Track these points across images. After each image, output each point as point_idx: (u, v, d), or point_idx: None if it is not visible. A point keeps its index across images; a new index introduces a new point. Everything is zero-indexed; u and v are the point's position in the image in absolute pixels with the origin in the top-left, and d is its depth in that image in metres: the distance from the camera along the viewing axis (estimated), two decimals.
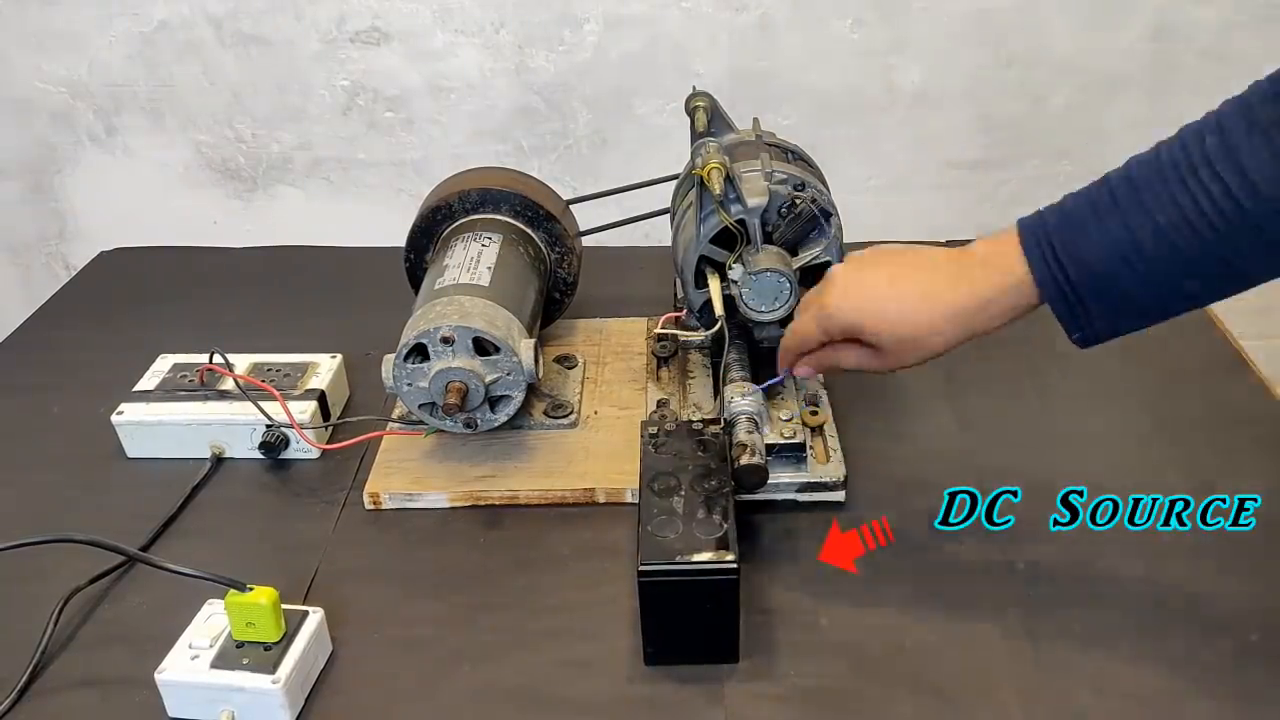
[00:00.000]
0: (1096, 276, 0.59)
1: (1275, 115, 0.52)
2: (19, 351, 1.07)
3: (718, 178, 0.77)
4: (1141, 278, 0.58)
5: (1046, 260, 0.60)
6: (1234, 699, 0.64)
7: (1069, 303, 0.61)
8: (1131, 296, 0.59)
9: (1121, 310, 0.60)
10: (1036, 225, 0.61)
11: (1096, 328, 0.62)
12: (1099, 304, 0.60)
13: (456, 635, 0.71)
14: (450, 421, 0.81)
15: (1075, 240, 0.59)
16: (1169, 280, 0.57)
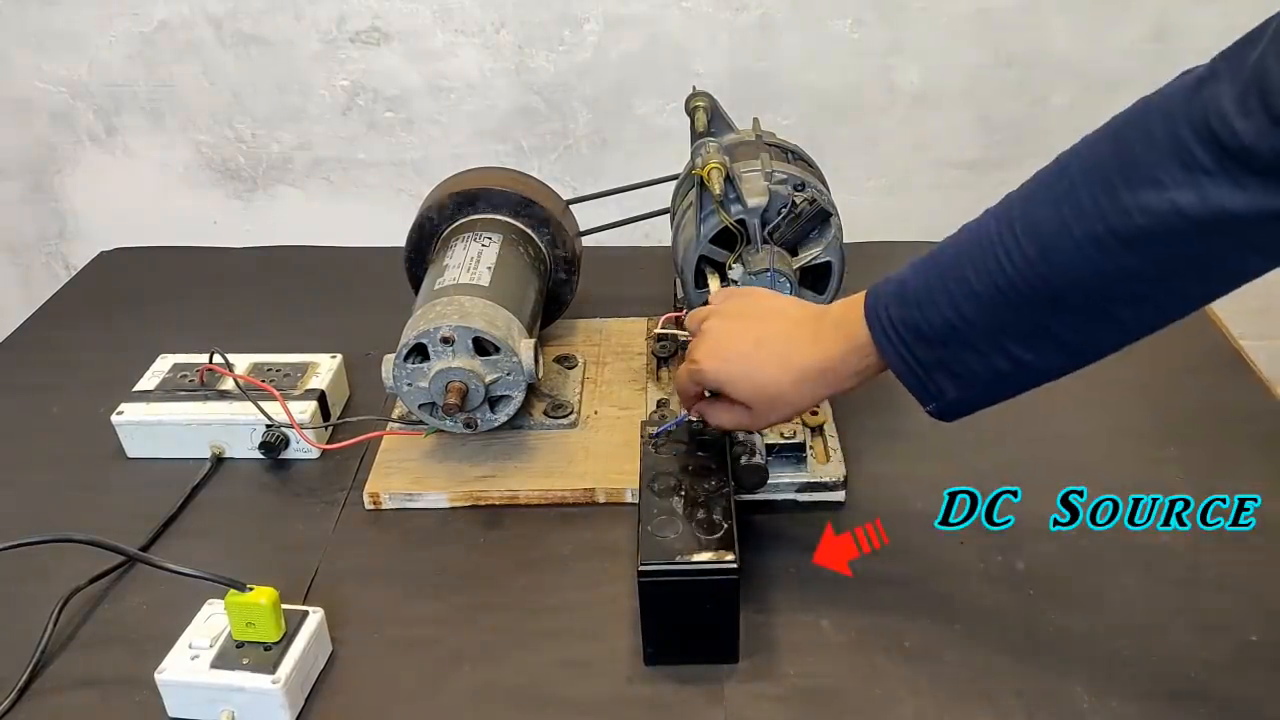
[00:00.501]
0: (933, 346, 0.59)
1: (1075, 178, 0.54)
2: (19, 351, 1.07)
3: (718, 178, 0.77)
4: (973, 348, 0.58)
5: (885, 331, 0.61)
6: (1234, 699, 0.64)
7: (915, 375, 0.61)
8: (972, 369, 0.59)
9: (968, 382, 0.60)
10: (879, 292, 0.62)
11: (949, 399, 0.61)
12: (945, 375, 0.60)
13: (456, 635, 0.71)
14: (450, 421, 0.81)
15: (908, 313, 0.59)
16: (1001, 349, 0.57)
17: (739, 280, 0.79)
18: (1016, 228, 0.54)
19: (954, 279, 0.57)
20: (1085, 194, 0.52)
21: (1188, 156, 0.48)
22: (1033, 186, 0.56)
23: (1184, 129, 0.49)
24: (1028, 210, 0.55)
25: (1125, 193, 0.50)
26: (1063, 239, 0.53)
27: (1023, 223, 0.54)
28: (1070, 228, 0.52)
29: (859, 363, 0.63)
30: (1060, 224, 0.53)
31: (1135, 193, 0.50)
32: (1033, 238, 0.54)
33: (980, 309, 0.56)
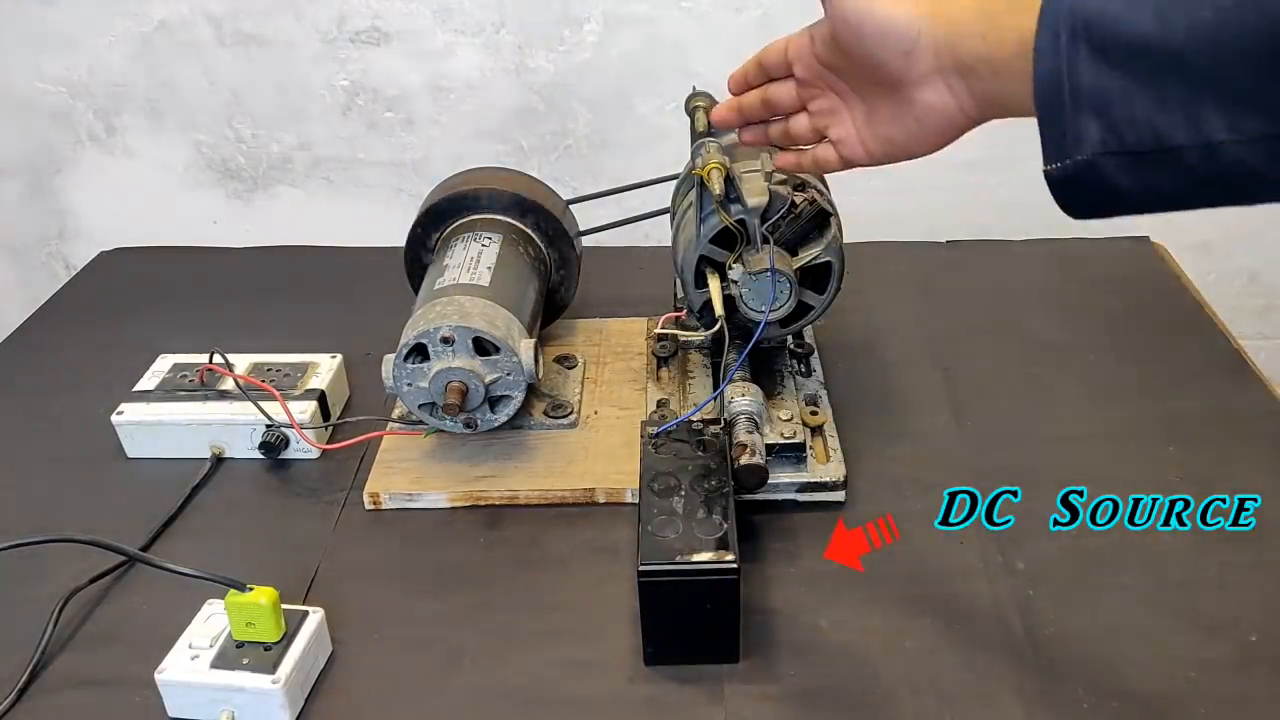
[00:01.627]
0: (1102, 67, 0.42)
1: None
2: (19, 351, 1.07)
3: (718, 178, 0.77)
4: (1155, 90, 0.41)
5: (1058, 21, 0.44)
6: (1234, 699, 0.64)
7: (1058, 97, 0.44)
8: (1134, 120, 0.42)
9: (1116, 138, 0.43)
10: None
11: (1078, 158, 0.44)
12: (1093, 115, 0.43)
13: (456, 635, 0.71)
14: (450, 421, 0.81)
15: (1100, 8, 0.43)
16: (1188, 107, 0.40)
17: (739, 280, 0.79)
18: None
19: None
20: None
21: None
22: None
23: None
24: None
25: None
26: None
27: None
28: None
29: (983, 22, 0.48)
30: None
31: None
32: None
33: (1194, 36, 0.40)
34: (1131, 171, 0.43)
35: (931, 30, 0.51)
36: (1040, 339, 0.98)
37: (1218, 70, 0.39)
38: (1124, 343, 0.98)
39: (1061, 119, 0.44)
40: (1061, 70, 0.43)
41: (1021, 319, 1.01)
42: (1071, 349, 0.97)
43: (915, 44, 0.52)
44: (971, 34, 0.49)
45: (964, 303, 1.05)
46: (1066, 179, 0.45)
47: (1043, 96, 0.44)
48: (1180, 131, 0.41)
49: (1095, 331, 0.99)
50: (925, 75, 0.52)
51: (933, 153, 0.56)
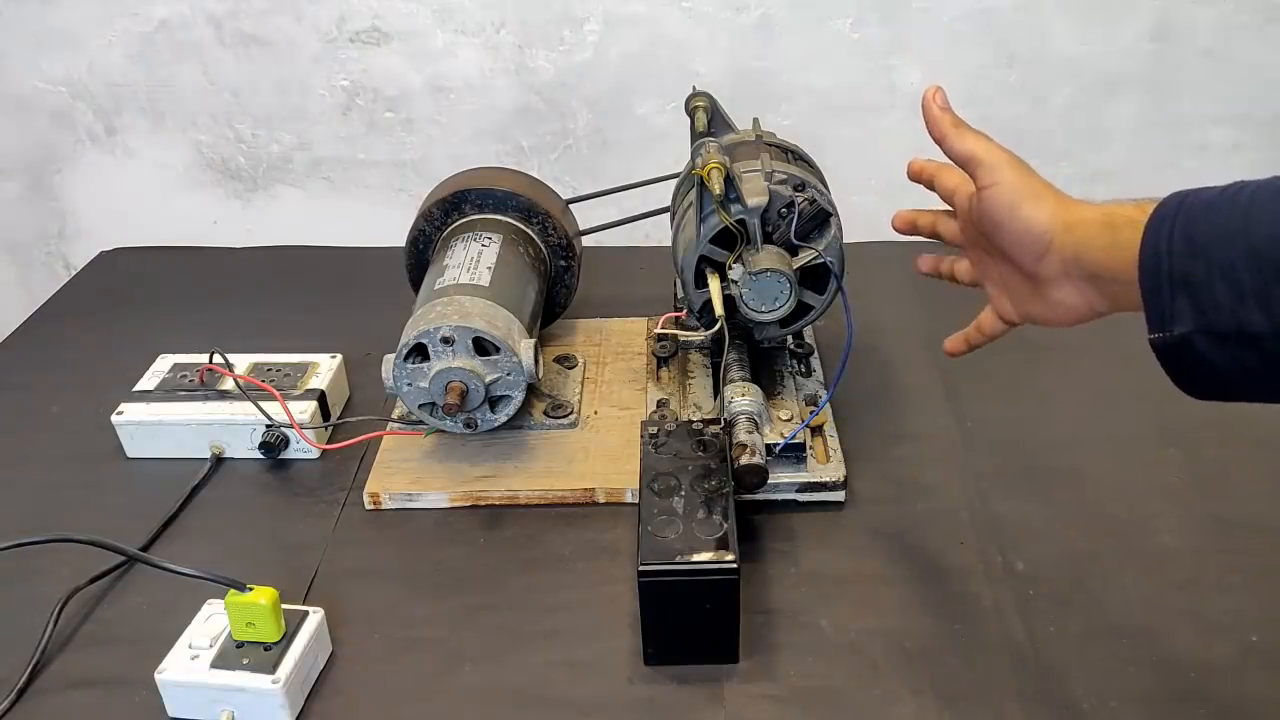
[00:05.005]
0: (1195, 255, 0.48)
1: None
2: (19, 351, 1.07)
3: (718, 178, 0.77)
4: (1233, 278, 0.47)
5: (1162, 219, 0.50)
6: (1234, 700, 0.64)
7: (1158, 279, 0.50)
8: (1218, 305, 0.47)
9: (1207, 319, 0.48)
10: (1187, 191, 0.52)
11: (1178, 333, 0.50)
12: (1187, 297, 0.49)
13: (456, 635, 0.71)
14: (450, 421, 0.81)
15: (1198, 212, 0.50)
16: (1264, 298, 0.46)
17: (739, 280, 0.79)
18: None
19: (1270, 193, 0.47)
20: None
21: None
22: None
23: None
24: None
25: None
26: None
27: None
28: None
29: (1107, 237, 0.54)
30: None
31: None
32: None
33: (1274, 234, 0.46)
34: (1225, 353, 0.48)
35: (1062, 240, 0.57)
36: (1040, 339, 0.98)
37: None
38: (1124, 343, 0.97)
39: (1160, 297, 0.50)
40: (1161, 254, 0.49)
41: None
42: (1071, 350, 0.97)
43: (1048, 249, 0.58)
44: (1097, 246, 0.55)
45: (964, 303, 1.04)
46: (1167, 349, 0.50)
47: (1146, 277, 0.50)
48: (1258, 319, 0.46)
49: (1095, 332, 0.98)
50: (1056, 277, 0.58)
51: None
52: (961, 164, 0.63)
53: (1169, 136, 1.31)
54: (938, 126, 0.64)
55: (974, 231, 0.65)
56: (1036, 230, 0.58)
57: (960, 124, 0.64)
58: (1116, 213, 0.54)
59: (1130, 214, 0.53)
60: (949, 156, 0.64)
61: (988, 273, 0.67)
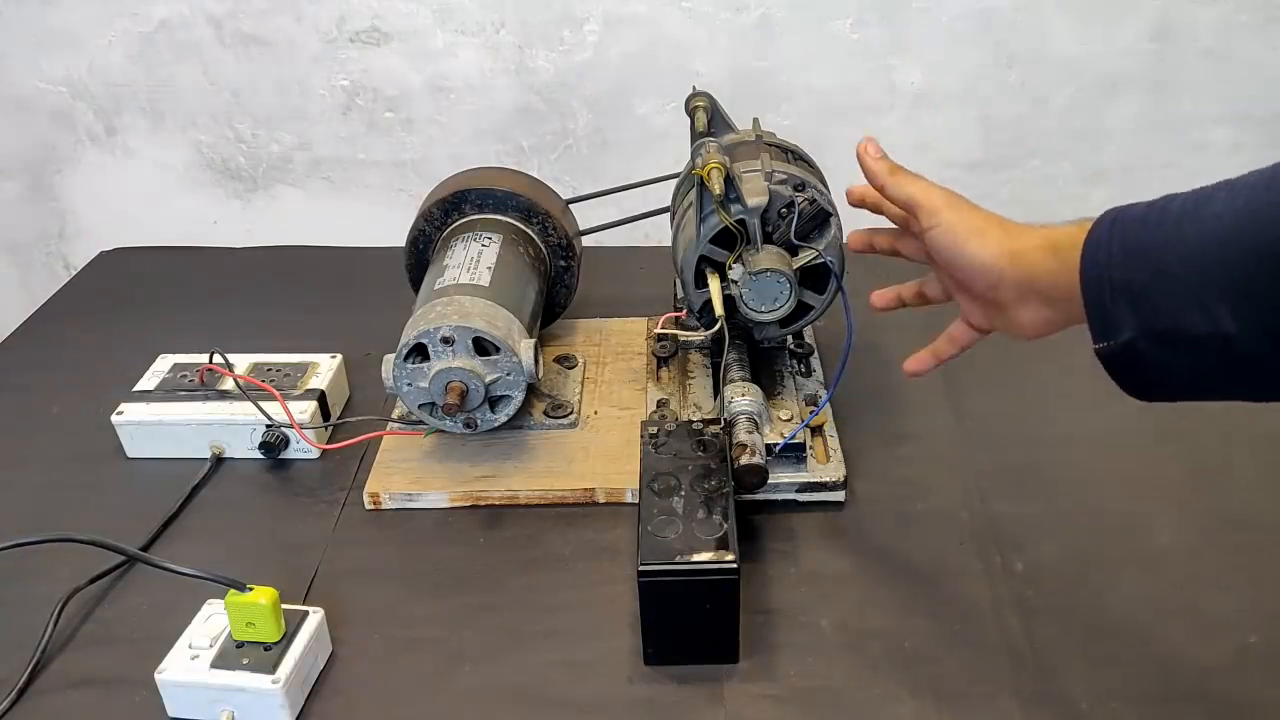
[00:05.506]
0: (1133, 263, 0.51)
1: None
2: (19, 351, 1.07)
3: (718, 178, 0.77)
4: (1173, 286, 0.49)
5: (1100, 236, 0.53)
6: (1233, 700, 0.64)
7: (1101, 291, 0.52)
8: (1159, 310, 0.50)
9: (1148, 324, 0.51)
10: (1121, 208, 0.54)
11: (1123, 339, 0.52)
12: (1129, 304, 0.51)
13: (456, 635, 0.71)
14: (450, 421, 0.81)
15: (1132, 225, 0.52)
16: (1200, 301, 0.48)
17: (739, 280, 0.79)
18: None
19: (1197, 202, 0.50)
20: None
21: None
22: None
23: None
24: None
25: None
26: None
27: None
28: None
29: (1052, 260, 0.56)
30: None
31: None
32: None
33: (1205, 243, 0.48)
34: (1167, 356, 0.50)
35: (1013, 269, 0.60)
36: (1039, 340, 0.98)
37: (1226, 271, 0.47)
38: None
39: (1103, 307, 0.52)
40: (1103, 267, 0.52)
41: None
42: (1070, 350, 0.96)
43: (1000, 279, 0.60)
44: (1044, 270, 0.57)
45: None
46: (1113, 356, 0.53)
47: (1088, 289, 0.53)
48: (1196, 320, 0.48)
49: None
50: (1013, 302, 0.61)
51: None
52: (902, 208, 0.67)
53: (1169, 136, 1.31)
54: (875, 177, 0.68)
55: (933, 257, 0.67)
56: (984, 265, 0.61)
57: (896, 170, 0.67)
58: (1058, 235, 0.57)
59: (1071, 234, 0.55)
60: (890, 202, 0.67)
61: (954, 292, 0.68)
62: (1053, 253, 0.57)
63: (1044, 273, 0.57)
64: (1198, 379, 0.51)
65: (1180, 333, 0.49)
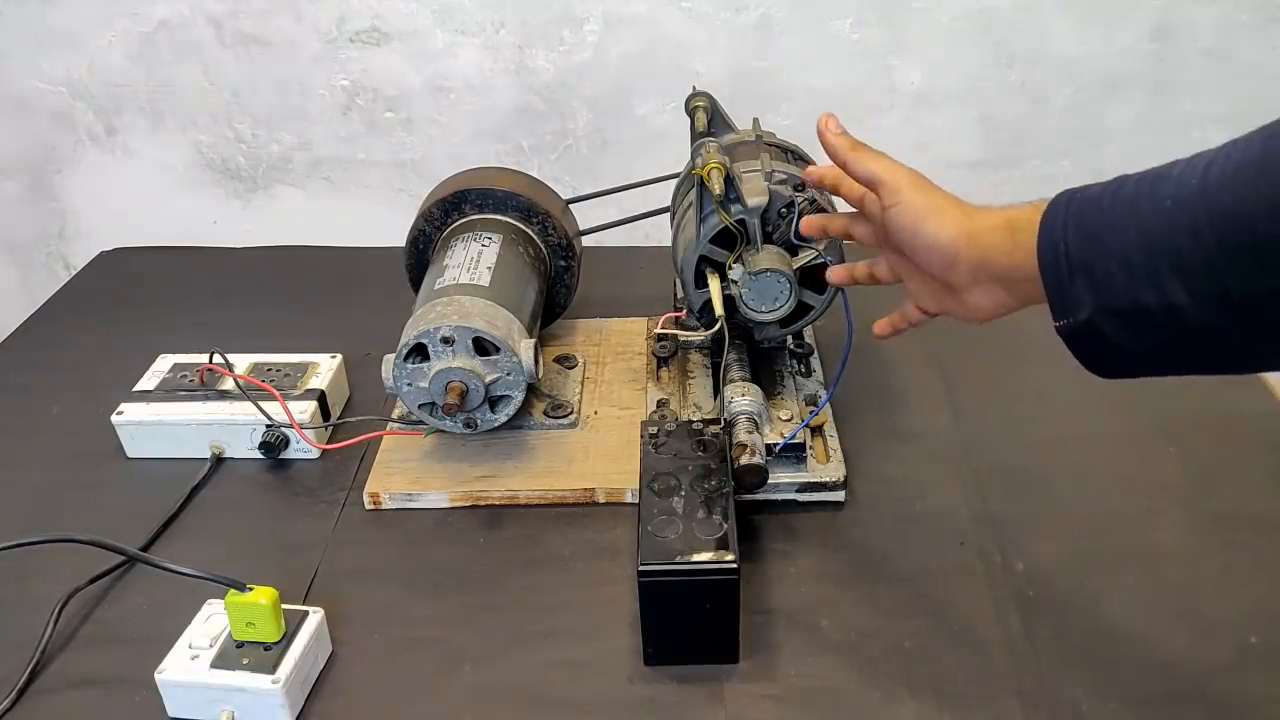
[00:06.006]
0: (1090, 243, 0.52)
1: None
2: (19, 351, 1.07)
3: (718, 178, 0.77)
4: (1128, 262, 0.51)
5: (1056, 215, 0.54)
6: (1233, 700, 0.64)
7: (1059, 269, 0.54)
8: (1115, 287, 0.51)
9: (1105, 300, 0.52)
10: (1075, 189, 0.55)
11: (1081, 318, 0.53)
12: (1086, 282, 0.52)
13: (456, 635, 0.71)
14: (450, 421, 0.81)
15: (1088, 205, 0.54)
16: (1154, 277, 0.50)
17: (739, 280, 0.79)
18: (1236, 153, 0.48)
19: (1150, 183, 0.51)
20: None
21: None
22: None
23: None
24: (1251, 139, 0.48)
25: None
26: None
27: (1260, 140, 0.48)
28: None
29: (1009, 241, 0.57)
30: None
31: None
32: (1248, 152, 0.48)
33: (1158, 221, 0.50)
34: (1124, 331, 0.52)
35: (969, 250, 0.60)
36: (1039, 339, 0.98)
37: (1177, 248, 0.49)
38: None
39: (1061, 286, 0.53)
40: (1059, 248, 0.53)
41: (1021, 319, 1.00)
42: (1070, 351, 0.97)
43: (955, 260, 0.61)
44: (1001, 251, 0.58)
45: None
46: (1072, 333, 0.54)
47: (1046, 269, 0.54)
48: (1151, 296, 0.50)
49: None
50: (966, 283, 0.61)
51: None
52: (864, 185, 0.66)
53: (1169, 136, 1.31)
54: (837, 152, 0.67)
55: (886, 238, 0.67)
56: (941, 244, 0.61)
57: (859, 146, 0.67)
58: (1015, 216, 0.57)
59: (1027, 215, 0.56)
60: (852, 178, 0.67)
61: (904, 272, 0.68)
62: (1009, 234, 0.57)
63: (1000, 254, 0.58)
64: (1154, 353, 0.53)
65: (1136, 309, 0.50)
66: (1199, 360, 0.53)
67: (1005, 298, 0.60)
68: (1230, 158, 0.49)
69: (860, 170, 0.66)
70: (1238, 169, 0.48)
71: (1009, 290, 0.59)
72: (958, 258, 0.60)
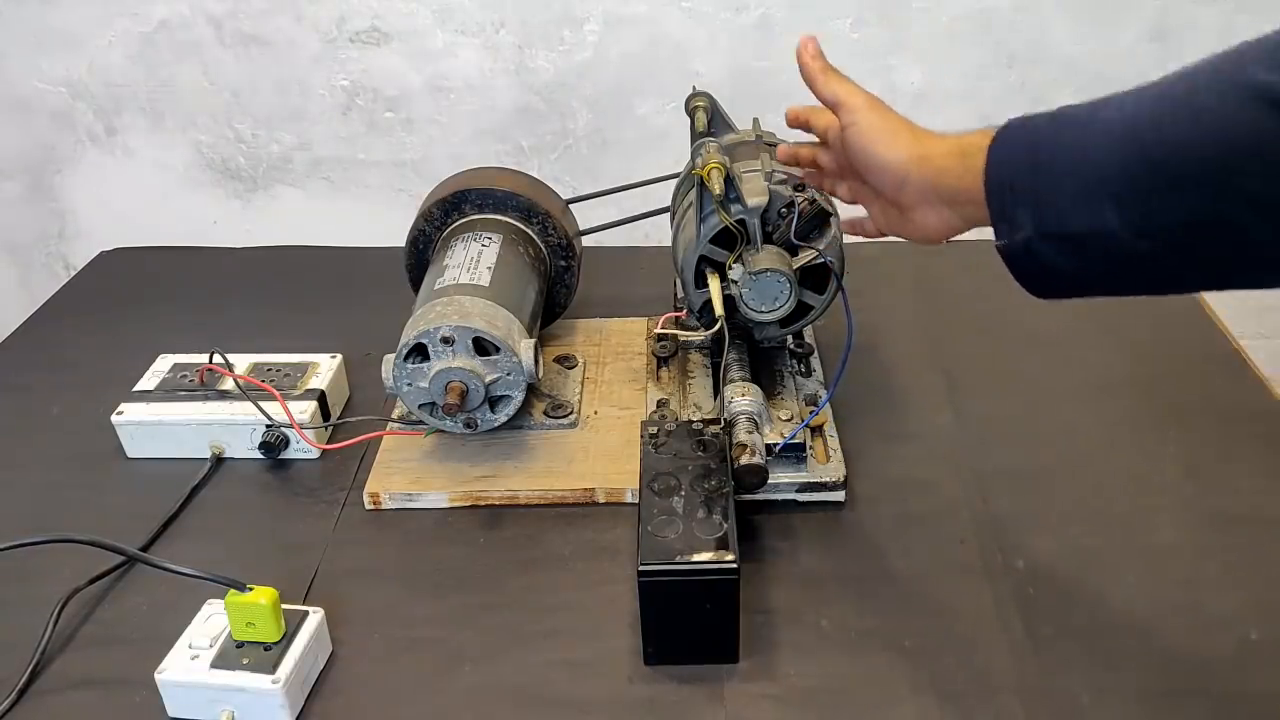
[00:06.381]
0: (1034, 169, 0.55)
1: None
2: (19, 351, 1.07)
3: (718, 178, 0.77)
4: (1065, 188, 0.53)
5: (1004, 138, 0.57)
6: (1234, 697, 0.64)
7: (1002, 193, 0.56)
8: (1054, 210, 0.54)
9: (1042, 224, 0.54)
10: (1029, 115, 0.57)
11: (1018, 239, 0.55)
12: (1027, 207, 0.55)
13: (456, 635, 0.71)
14: (450, 421, 0.81)
15: (1037, 129, 0.56)
16: (1091, 204, 0.52)
17: (739, 280, 0.79)
18: (1176, 78, 0.51)
19: (1087, 113, 0.54)
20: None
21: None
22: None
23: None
24: (1194, 67, 0.51)
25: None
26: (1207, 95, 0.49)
27: (1183, 74, 0.50)
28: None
29: (959, 165, 0.59)
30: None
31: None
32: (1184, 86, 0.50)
33: (1093, 151, 0.52)
34: (1059, 253, 0.54)
35: (919, 172, 0.62)
36: (1040, 338, 0.98)
37: (1109, 175, 0.51)
38: (1123, 341, 0.98)
39: (1004, 210, 0.56)
40: (1004, 173, 0.56)
41: (1021, 318, 1.01)
42: (1071, 348, 0.97)
43: (906, 180, 0.63)
44: (950, 173, 0.60)
45: (964, 303, 1.05)
46: (1012, 253, 0.57)
47: (991, 193, 0.57)
48: (1084, 221, 0.52)
49: (1094, 331, 0.99)
50: (916, 204, 0.63)
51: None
52: (828, 106, 0.69)
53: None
54: (808, 72, 0.70)
55: (846, 163, 0.70)
56: (893, 165, 0.64)
57: (828, 69, 0.70)
58: (966, 141, 0.59)
59: (978, 141, 0.58)
60: (818, 99, 0.70)
61: (860, 197, 0.71)
62: (960, 158, 0.59)
63: (950, 176, 0.60)
64: (1087, 275, 0.55)
65: (1071, 233, 0.53)
66: (1128, 283, 0.56)
67: (953, 219, 0.62)
68: (1155, 91, 0.51)
69: (825, 92, 0.69)
70: (1156, 102, 0.50)
71: (957, 212, 0.62)
72: (908, 178, 0.63)
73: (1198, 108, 0.48)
